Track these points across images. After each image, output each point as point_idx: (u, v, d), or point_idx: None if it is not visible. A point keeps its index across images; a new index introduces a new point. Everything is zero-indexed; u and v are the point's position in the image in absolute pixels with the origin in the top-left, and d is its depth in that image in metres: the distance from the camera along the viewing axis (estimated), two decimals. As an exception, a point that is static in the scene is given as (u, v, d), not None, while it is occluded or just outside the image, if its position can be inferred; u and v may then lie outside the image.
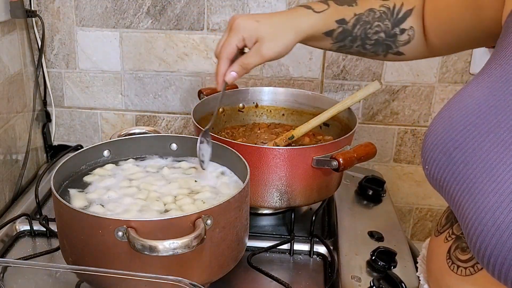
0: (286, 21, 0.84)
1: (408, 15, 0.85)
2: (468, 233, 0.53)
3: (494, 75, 0.57)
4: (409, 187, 1.37)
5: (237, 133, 1.15)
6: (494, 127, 0.54)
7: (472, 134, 0.55)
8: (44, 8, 1.27)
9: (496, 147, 0.53)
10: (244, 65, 0.84)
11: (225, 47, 0.83)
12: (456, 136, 0.56)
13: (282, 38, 0.83)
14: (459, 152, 0.56)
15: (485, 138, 0.54)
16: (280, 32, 0.83)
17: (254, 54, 0.83)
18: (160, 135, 0.99)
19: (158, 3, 1.25)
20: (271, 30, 0.83)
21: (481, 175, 0.53)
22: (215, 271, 0.78)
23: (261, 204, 0.97)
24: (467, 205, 0.53)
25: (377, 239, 0.98)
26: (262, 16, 0.85)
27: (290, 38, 0.84)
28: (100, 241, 0.70)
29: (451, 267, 0.61)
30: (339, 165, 0.91)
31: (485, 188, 0.52)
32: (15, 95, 1.20)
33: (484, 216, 0.51)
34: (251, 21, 0.83)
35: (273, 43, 0.83)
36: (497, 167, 0.51)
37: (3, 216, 1.07)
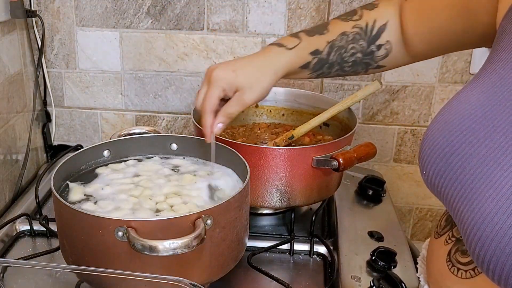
0: (262, 65, 0.86)
1: (383, 30, 0.85)
2: (467, 239, 0.53)
3: (489, 80, 0.57)
4: (409, 187, 1.37)
5: (237, 133, 1.15)
6: (490, 132, 0.54)
7: (469, 139, 0.55)
8: (44, 8, 1.27)
9: (493, 152, 0.52)
10: (228, 115, 0.85)
11: (208, 101, 0.84)
12: (453, 142, 0.56)
13: (261, 83, 0.85)
14: (456, 157, 0.56)
15: (481, 143, 0.54)
16: (258, 78, 0.85)
17: (236, 103, 0.85)
18: (160, 135, 0.99)
19: (158, 3, 1.25)
20: (249, 79, 0.84)
21: (478, 181, 0.53)
22: (215, 271, 0.78)
23: (261, 204, 0.97)
24: (465, 211, 0.53)
25: (377, 239, 0.98)
26: (238, 65, 0.86)
27: (268, 81, 0.85)
28: (100, 241, 0.70)
29: (451, 269, 0.61)
30: (339, 165, 0.91)
31: (483, 194, 0.51)
32: (15, 95, 1.20)
33: (482, 222, 0.50)
34: (229, 72, 0.84)
35: (253, 90, 0.84)
36: (494, 172, 0.51)
37: (3, 216, 1.07)
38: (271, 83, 0.86)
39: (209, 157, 0.92)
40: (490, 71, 0.58)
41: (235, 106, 0.85)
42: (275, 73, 0.85)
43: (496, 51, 0.59)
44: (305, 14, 1.23)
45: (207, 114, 0.85)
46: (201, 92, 0.86)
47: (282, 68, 0.86)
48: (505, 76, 0.55)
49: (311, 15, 1.23)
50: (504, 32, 0.58)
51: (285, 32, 1.25)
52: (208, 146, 0.92)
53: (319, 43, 0.87)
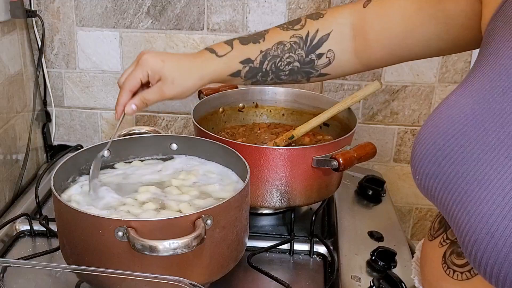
0: (190, 66, 0.86)
1: (325, 40, 0.86)
2: (463, 242, 0.53)
3: (478, 83, 0.57)
4: (409, 187, 1.37)
5: (237, 133, 1.15)
6: (482, 135, 0.54)
7: (461, 143, 0.55)
8: (44, 8, 1.27)
9: (485, 154, 0.52)
10: (144, 100, 0.85)
11: (129, 79, 0.85)
12: (444, 146, 0.56)
13: (184, 81, 0.85)
14: (448, 162, 0.55)
15: (474, 145, 0.54)
16: (183, 76, 0.85)
17: (155, 92, 0.85)
18: (160, 135, 0.99)
19: (158, 3, 1.25)
20: (175, 73, 0.84)
21: (472, 184, 0.52)
22: (215, 271, 0.78)
23: (261, 204, 0.97)
24: (459, 214, 0.53)
25: (377, 239, 0.98)
26: (169, 57, 0.86)
27: (192, 83, 0.85)
28: (100, 241, 0.70)
29: (446, 271, 0.61)
30: (339, 165, 0.91)
31: (477, 196, 0.51)
32: (15, 95, 1.20)
33: (478, 225, 0.50)
34: (158, 60, 0.84)
35: (175, 85, 0.84)
36: (488, 174, 0.51)
37: (3, 216, 1.07)
38: (195, 86, 0.86)
39: (209, 157, 0.92)
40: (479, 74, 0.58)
41: (153, 94, 0.85)
42: (201, 78, 0.86)
43: (483, 55, 0.59)
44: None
45: (124, 91, 0.85)
46: (127, 70, 0.86)
47: (209, 74, 0.86)
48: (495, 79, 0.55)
49: (311, 15, 1.23)
50: (491, 36, 0.59)
51: (285, 32, 1.25)
52: (208, 146, 0.92)
53: (251, 52, 0.87)
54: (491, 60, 0.57)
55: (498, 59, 0.56)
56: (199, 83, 0.86)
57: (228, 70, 0.87)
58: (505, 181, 0.50)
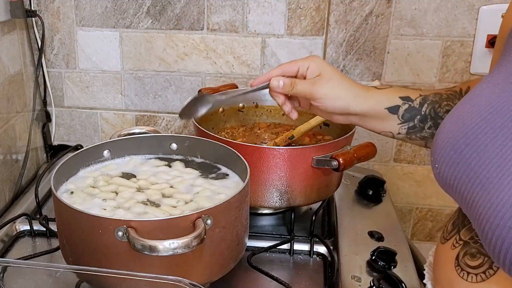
0: (352, 82, 0.80)
1: None
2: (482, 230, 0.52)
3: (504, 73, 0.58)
4: (409, 187, 1.37)
5: (237, 133, 1.15)
6: (507, 122, 0.54)
7: (484, 130, 0.55)
8: (44, 8, 1.27)
9: (510, 141, 0.52)
10: (293, 83, 0.79)
11: (289, 63, 0.81)
12: (468, 133, 0.56)
13: (338, 87, 0.79)
14: (470, 149, 0.55)
15: (498, 133, 0.54)
16: (341, 83, 0.79)
17: (307, 82, 0.80)
18: (160, 135, 0.99)
19: (158, 3, 1.25)
20: (335, 75, 0.79)
21: (495, 170, 0.52)
22: (215, 271, 0.78)
23: (261, 204, 0.97)
24: (481, 201, 0.53)
25: (377, 239, 0.98)
26: (336, 68, 0.82)
27: (345, 95, 0.79)
28: (100, 241, 0.70)
29: (460, 274, 0.60)
30: (339, 165, 0.91)
31: (500, 182, 0.51)
32: (15, 95, 1.20)
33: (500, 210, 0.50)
34: (325, 62, 0.81)
35: (329, 85, 0.78)
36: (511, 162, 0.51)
37: (3, 216, 1.07)
38: (346, 100, 0.78)
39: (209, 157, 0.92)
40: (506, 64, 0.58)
41: (304, 83, 0.79)
42: (355, 96, 0.79)
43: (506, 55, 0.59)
44: (305, 14, 1.23)
45: (277, 68, 0.81)
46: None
47: (365, 98, 0.79)
48: None
49: (311, 15, 1.23)
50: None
51: (285, 32, 1.25)
52: (208, 146, 0.92)
53: (411, 93, 0.81)
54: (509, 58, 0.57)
55: None
56: (350, 101, 0.78)
57: (386, 103, 0.80)
58: None
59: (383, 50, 1.24)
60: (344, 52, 1.25)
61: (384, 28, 1.22)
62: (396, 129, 0.81)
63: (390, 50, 1.24)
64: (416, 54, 1.23)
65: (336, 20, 1.22)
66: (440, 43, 1.22)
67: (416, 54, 1.23)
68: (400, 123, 0.80)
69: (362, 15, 1.21)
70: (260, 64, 1.28)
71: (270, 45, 1.26)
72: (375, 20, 1.21)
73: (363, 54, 1.24)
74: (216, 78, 1.30)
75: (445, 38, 1.21)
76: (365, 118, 0.81)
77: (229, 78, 1.30)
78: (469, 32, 1.20)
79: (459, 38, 1.21)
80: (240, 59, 1.28)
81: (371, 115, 0.80)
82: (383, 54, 1.24)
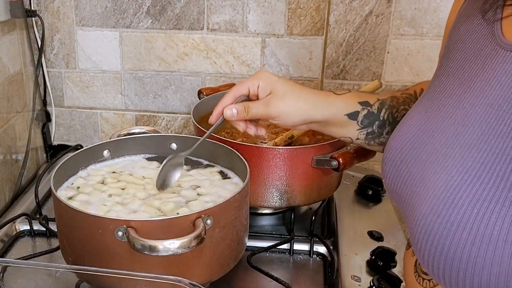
0: (305, 91, 0.79)
1: None
2: (413, 241, 0.55)
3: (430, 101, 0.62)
4: (409, 187, 1.37)
5: (237, 133, 1.14)
6: (430, 138, 0.57)
7: (414, 146, 0.59)
8: (44, 8, 1.27)
9: (430, 157, 0.56)
10: (247, 107, 0.78)
11: (237, 86, 0.80)
12: (403, 148, 0.61)
13: (294, 101, 0.77)
14: (404, 165, 0.60)
15: (423, 148, 0.58)
16: (294, 95, 0.77)
17: (261, 103, 0.78)
18: (160, 135, 0.99)
19: (158, 3, 1.25)
20: (287, 90, 0.78)
21: (419, 184, 0.56)
22: (215, 271, 0.78)
23: (261, 204, 0.97)
24: (409, 213, 0.56)
25: (377, 239, 0.98)
26: (285, 79, 0.80)
27: (303, 107, 0.77)
28: (100, 241, 0.70)
29: (418, 280, 0.63)
30: (339, 165, 0.91)
31: (422, 196, 0.54)
32: (15, 95, 1.20)
33: (419, 223, 0.53)
34: (273, 75, 0.79)
35: (284, 102, 0.77)
36: (431, 176, 0.54)
37: (3, 216, 1.07)
38: (305, 112, 0.77)
39: (209, 157, 0.92)
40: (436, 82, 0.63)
41: (258, 104, 0.78)
42: (313, 107, 0.77)
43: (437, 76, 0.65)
44: (305, 14, 1.23)
45: (228, 95, 0.79)
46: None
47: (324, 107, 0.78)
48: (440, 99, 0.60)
49: (311, 15, 1.23)
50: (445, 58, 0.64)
51: (285, 32, 1.25)
52: (208, 146, 0.92)
53: (369, 97, 0.81)
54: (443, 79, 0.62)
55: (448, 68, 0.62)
56: (310, 112, 0.77)
57: (345, 109, 0.79)
58: (441, 181, 0.52)
59: (383, 50, 1.24)
60: (344, 52, 1.25)
61: (384, 28, 1.22)
62: (355, 135, 0.81)
63: (390, 50, 1.24)
64: (416, 54, 1.23)
65: (336, 20, 1.22)
66: (440, 43, 1.22)
67: (416, 54, 1.23)
68: (359, 129, 0.80)
69: (362, 15, 1.21)
70: (260, 64, 1.28)
71: (270, 45, 1.26)
72: (375, 20, 1.21)
73: (363, 54, 1.24)
74: (216, 78, 1.30)
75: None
76: (326, 124, 0.80)
77: (229, 78, 1.30)
78: (469, 32, 1.20)
79: (459, 38, 1.21)
80: (240, 59, 1.28)
81: (331, 122, 0.79)
82: (383, 54, 1.24)
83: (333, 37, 1.24)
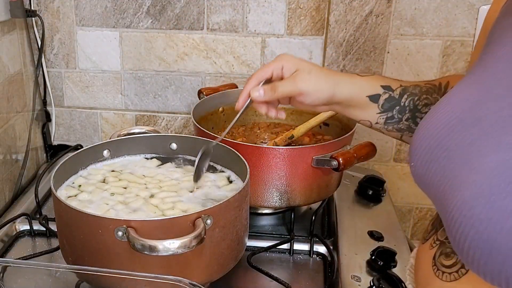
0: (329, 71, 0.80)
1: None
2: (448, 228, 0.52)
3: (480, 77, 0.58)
4: (409, 187, 1.37)
5: (237, 132, 1.15)
6: (478, 121, 0.54)
7: (456, 129, 0.55)
8: (44, 7, 1.27)
9: (478, 139, 0.53)
10: (274, 87, 0.78)
11: (260, 71, 0.80)
12: (440, 132, 0.57)
13: (319, 78, 0.78)
14: (441, 148, 0.56)
15: (468, 131, 0.54)
16: (319, 74, 0.78)
17: (287, 80, 0.79)
18: (160, 134, 0.99)
19: (158, 3, 1.25)
20: (312, 67, 0.79)
21: (462, 168, 0.52)
22: (215, 271, 0.78)
23: (261, 204, 0.97)
24: (448, 199, 0.53)
25: (377, 239, 0.98)
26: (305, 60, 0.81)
27: (327, 85, 0.78)
28: (100, 241, 0.70)
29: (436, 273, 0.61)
30: (339, 165, 0.91)
31: (466, 180, 0.51)
32: (15, 95, 1.20)
33: (464, 208, 0.50)
34: (298, 57, 0.80)
35: (311, 76, 0.77)
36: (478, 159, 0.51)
37: (3, 216, 1.07)
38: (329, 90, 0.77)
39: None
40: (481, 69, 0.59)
41: (286, 82, 0.78)
42: (336, 84, 0.78)
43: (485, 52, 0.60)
44: (305, 14, 1.23)
45: (251, 79, 0.79)
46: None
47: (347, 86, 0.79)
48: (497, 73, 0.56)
49: (311, 14, 1.23)
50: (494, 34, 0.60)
51: (285, 32, 1.25)
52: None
53: (392, 83, 0.81)
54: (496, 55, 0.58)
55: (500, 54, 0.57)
56: (333, 89, 0.78)
57: (368, 91, 0.79)
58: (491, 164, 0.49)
59: (383, 50, 1.24)
60: (344, 52, 1.25)
61: (384, 28, 1.22)
62: (375, 119, 0.82)
63: (390, 50, 1.24)
64: (416, 54, 1.23)
65: (336, 20, 1.22)
66: (440, 43, 1.22)
67: (416, 54, 1.23)
68: (379, 113, 0.81)
69: (362, 15, 1.21)
70: (260, 64, 1.28)
71: (270, 45, 1.26)
72: (375, 20, 1.21)
73: (363, 54, 1.24)
74: (216, 78, 1.30)
75: (445, 38, 1.22)
76: (347, 106, 0.81)
77: (229, 78, 1.30)
78: (469, 32, 1.20)
79: (459, 38, 1.21)
80: (240, 59, 1.28)
81: (353, 103, 0.80)
82: (383, 54, 1.24)
83: (333, 37, 1.24)
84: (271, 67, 0.79)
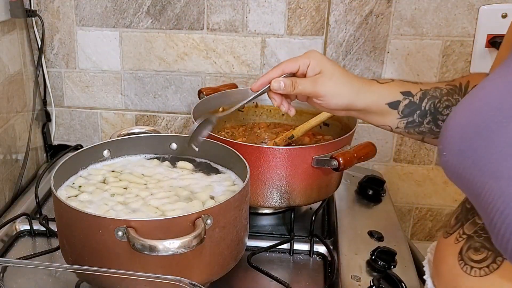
0: (352, 77, 0.80)
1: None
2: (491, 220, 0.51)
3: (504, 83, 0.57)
4: (409, 187, 1.37)
5: (237, 132, 1.15)
6: None
7: (495, 120, 0.54)
8: (44, 7, 1.27)
9: None
10: (295, 82, 0.78)
11: (289, 61, 0.80)
12: (477, 122, 0.56)
13: (341, 84, 0.78)
14: (480, 138, 0.54)
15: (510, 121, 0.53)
16: (342, 79, 0.78)
17: (309, 80, 0.78)
18: (160, 134, 0.99)
19: (158, 3, 1.25)
20: (336, 71, 0.78)
21: (505, 159, 0.51)
22: (215, 271, 0.78)
23: (261, 204, 0.97)
24: (490, 190, 0.52)
25: (377, 239, 0.98)
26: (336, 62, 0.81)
27: (347, 92, 0.78)
28: (100, 240, 0.70)
29: (463, 268, 0.60)
30: (339, 165, 0.91)
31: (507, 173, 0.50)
32: (15, 94, 1.20)
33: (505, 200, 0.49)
34: (324, 56, 0.80)
35: (332, 81, 0.77)
36: None
37: (3, 215, 1.07)
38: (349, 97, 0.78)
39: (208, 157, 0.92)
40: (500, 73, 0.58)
41: (307, 81, 0.78)
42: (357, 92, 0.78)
43: None
44: (305, 14, 1.23)
45: (277, 68, 0.79)
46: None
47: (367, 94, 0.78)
48: None
49: (311, 14, 1.23)
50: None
51: (285, 32, 1.25)
52: (208, 146, 0.92)
53: (412, 87, 0.80)
54: None
55: None
56: (352, 97, 0.78)
57: (387, 98, 0.79)
58: None
59: (383, 50, 1.24)
60: (344, 52, 1.25)
61: (384, 28, 1.22)
62: (395, 124, 0.81)
63: (390, 50, 1.24)
64: (416, 54, 1.23)
65: (336, 20, 1.22)
66: (440, 43, 1.22)
67: (416, 54, 1.23)
68: (399, 118, 0.80)
69: (362, 15, 1.21)
70: (260, 64, 1.28)
71: (270, 45, 1.26)
72: (375, 20, 1.21)
73: (363, 54, 1.24)
74: (216, 77, 1.30)
75: (445, 38, 1.22)
76: (366, 113, 0.81)
77: (229, 78, 1.30)
78: (469, 32, 1.20)
79: (459, 38, 1.21)
80: (240, 59, 1.28)
81: (372, 110, 0.80)
82: (383, 54, 1.24)
83: (333, 37, 1.24)
84: (299, 62, 0.79)
